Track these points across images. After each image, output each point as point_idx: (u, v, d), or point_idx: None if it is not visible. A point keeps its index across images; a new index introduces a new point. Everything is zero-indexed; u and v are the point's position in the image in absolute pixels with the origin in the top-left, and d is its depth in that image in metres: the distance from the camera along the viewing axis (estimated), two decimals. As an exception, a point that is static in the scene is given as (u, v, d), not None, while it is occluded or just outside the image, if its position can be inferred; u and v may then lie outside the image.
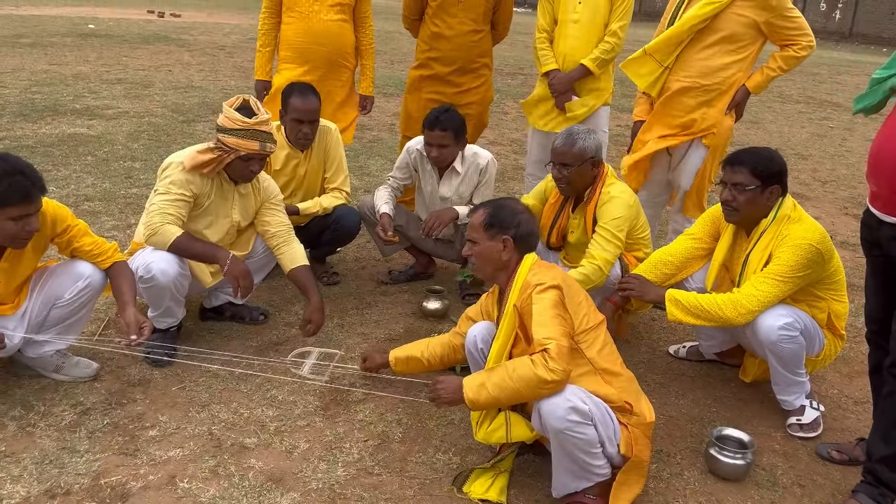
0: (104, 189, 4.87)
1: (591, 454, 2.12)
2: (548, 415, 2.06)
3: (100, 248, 2.67)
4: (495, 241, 2.31)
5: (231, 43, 12.72)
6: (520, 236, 2.31)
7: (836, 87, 12.81)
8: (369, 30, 4.15)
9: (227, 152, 2.83)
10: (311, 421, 2.63)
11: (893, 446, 2.25)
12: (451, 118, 3.39)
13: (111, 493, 2.21)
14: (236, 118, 2.80)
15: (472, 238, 2.36)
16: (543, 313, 2.16)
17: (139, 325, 2.53)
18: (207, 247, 2.87)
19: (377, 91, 9.05)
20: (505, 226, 2.30)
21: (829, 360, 2.86)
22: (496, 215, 2.32)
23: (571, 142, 3.02)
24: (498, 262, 2.33)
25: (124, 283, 2.65)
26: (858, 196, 6.22)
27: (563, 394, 2.06)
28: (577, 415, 2.05)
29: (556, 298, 2.18)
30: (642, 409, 2.28)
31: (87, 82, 8.34)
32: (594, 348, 2.24)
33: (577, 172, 3.04)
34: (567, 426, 2.05)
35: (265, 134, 2.84)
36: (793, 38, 3.42)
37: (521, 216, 2.33)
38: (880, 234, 2.25)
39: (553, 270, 2.30)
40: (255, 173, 2.94)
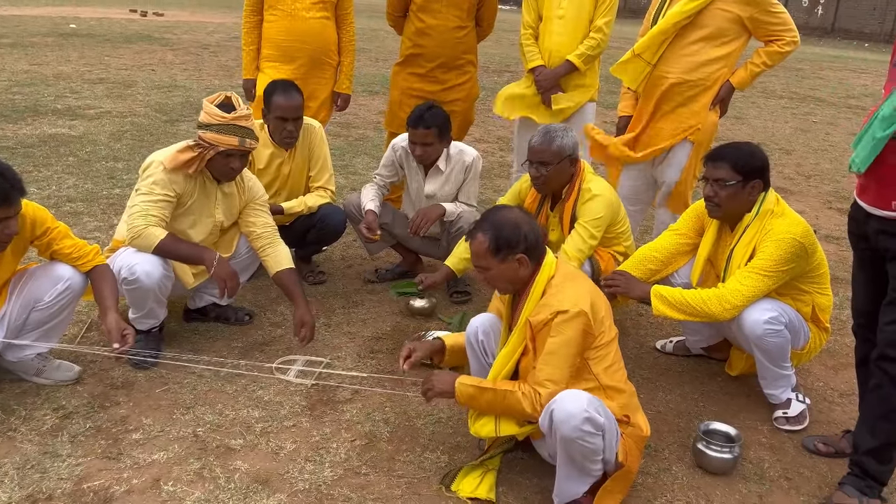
0: (86, 190, 4.81)
1: (593, 461, 2.12)
2: (562, 422, 2.01)
3: (80, 250, 2.63)
4: (509, 263, 2.18)
5: (215, 42, 12.63)
6: (531, 248, 2.18)
7: (819, 83, 12.91)
8: (351, 27, 4.12)
9: (206, 149, 2.80)
10: (298, 421, 2.61)
11: (880, 438, 2.27)
12: (435, 115, 3.37)
13: (94, 497, 2.18)
14: (215, 113, 2.77)
15: (482, 266, 2.22)
16: (558, 351, 2.11)
17: (121, 332, 2.48)
18: (193, 248, 2.83)
19: (363, 88, 9.06)
20: (513, 245, 2.16)
21: (814, 353, 2.87)
22: (500, 237, 2.16)
23: (549, 139, 2.99)
24: (517, 278, 2.22)
25: (106, 287, 2.61)
26: (842, 190, 6.27)
27: (581, 404, 2.01)
28: (591, 425, 2.02)
29: (579, 330, 2.10)
30: (639, 421, 2.27)
31: (69, 82, 8.25)
32: (603, 364, 2.20)
33: (555, 171, 3.03)
34: (579, 436, 2.02)
35: (245, 129, 2.81)
36: (777, 33, 3.43)
37: (523, 228, 2.18)
38: (868, 227, 2.26)
39: (577, 283, 2.20)
40: (237, 171, 2.91)
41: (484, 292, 3.81)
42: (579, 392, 2.07)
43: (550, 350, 2.12)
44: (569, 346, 2.11)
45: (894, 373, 2.19)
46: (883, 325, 2.22)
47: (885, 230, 2.19)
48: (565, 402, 2.03)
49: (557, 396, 2.06)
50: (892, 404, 2.23)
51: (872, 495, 2.30)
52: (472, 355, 2.49)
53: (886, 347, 2.20)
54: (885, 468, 2.31)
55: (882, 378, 2.22)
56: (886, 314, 2.21)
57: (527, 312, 2.20)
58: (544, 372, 2.11)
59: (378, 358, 3.09)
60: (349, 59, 4.14)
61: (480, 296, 3.78)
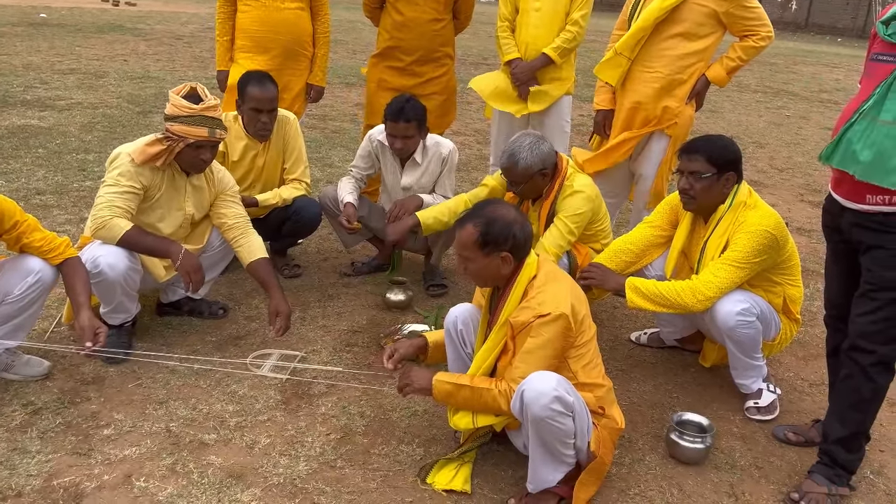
0: (56, 182, 4.73)
1: (565, 444, 2.12)
2: (531, 401, 2.02)
3: (50, 243, 2.58)
4: (492, 258, 2.18)
5: (189, 32, 12.46)
6: (517, 247, 2.18)
7: (792, 77, 13.06)
8: (326, 18, 4.09)
9: (175, 141, 2.76)
10: (273, 416, 2.60)
11: (849, 428, 2.31)
12: (414, 108, 3.35)
13: (64, 493, 2.15)
14: (182, 105, 2.73)
15: (465, 256, 2.21)
16: (535, 351, 2.11)
17: (94, 331, 2.44)
18: (159, 241, 2.80)
19: (339, 80, 9.00)
20: (500, 243, 2.15)
21: (784, 344, 2.91)
22: (489, 232, 2.15)
23: (514, 162, 2.97)
24: (497, 275, 2.23)
25: (78, 283, 2.56)
26: (814, 183, 6.36)
27: (550, 383, 2.03)
28: (560, 404, 2.03)
29: (559, 332, 2.11)
30: (614, 414, 2.29)
31: (39, 73, 8.08)
32: (581, 362, 2.22)
33: (527, 187, 3.04)
34: (549, 415, 2.03)
35: (214, 120, 2.77)
36: (752, 28, 3.46)
37: (514, 227, 2.17)
38: (842, 220, 2.29)
39: (559, 285, 2.19)
40: (207, 162, 2.87)
41: (460, 286, 3.82)
42: (549, 373, 2.08)
43: (528, 349, 2.13)
44: (546, 348, 2.12)
45: (865, 363, 2.23)
46: (855, 316, 2.26)
47: (859, 223, 2.22)
48: (535, 381, 2.05)
49: (527, 378, 2.07)
50: (861, 394, 2.27)
51: (841, 483, 2.35)
52: (451, 345, 2.49)
53: (857, 338, 2.24)
54: (853, 457, 2.35)
55: (852, 368, 2.26)
56: (858, 306, 2.25)
57: (507, 312, 2.20)
58: (520, 370, 2.12)
59: (354, 351, 3.08)
60: (323, 50, 4.11)
61: (457, 289, 3.78)
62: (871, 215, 2.17)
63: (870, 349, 2.22)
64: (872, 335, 2.21)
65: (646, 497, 2.34)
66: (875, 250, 2.19)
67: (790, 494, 2.35)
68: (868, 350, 2.22)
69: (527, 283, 2.21)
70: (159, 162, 2.78)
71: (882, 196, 2.12)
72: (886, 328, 2.20)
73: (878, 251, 2.18)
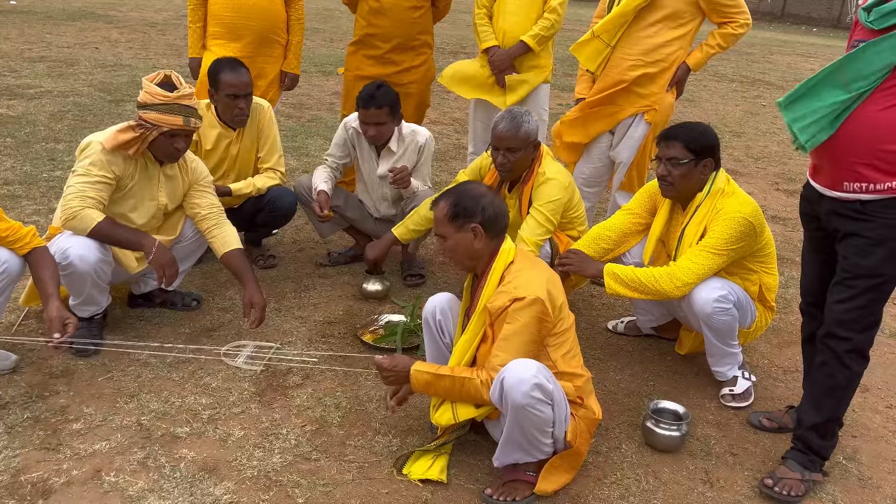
0: (25, 172, 4.62)
1: (543, 432, 2.12)
2: (512, 388, 2.02)
3: (16, 233, 2.51)
4: (464, 232, 2.20)
5: (163, 19, 12.24)
6: (488, 220, 2.20)
7: (768, 67, 13.16)
8: (300, 4, 4.02)
9: (149, 129, 2.70)
10: (247, 408, 2.56)
11: (824, 414, 2.33)
12: (386, 94, 3.31)
13: (31, 489, 2.10)
14: (157, 93, 2.67)
15: (440, 233, 2.26)
16: (512, 338, 2.11)
17: (63, 322, 2.38)
18: (131, 233, 2.74)
19: (316, 69, 8.90)
20: (469, 214, 2.20)
21: (760, 332, 2.93)
22: (459, 204, 2.21)
23: (517, 125, 2.94)
24: (472, 251, 2.23)
25: (45, 273, 2.50)
26: (789, 172, 6.41)
27: (530, 370, 2.03)
28: (540, 392, 2.03)
29: (534, 317, 2.11)
30: (592, 405, 2.30)
31: (7, 60, 7.89)
32: (560, 351, 2.22)
33: (521, 157, 3.01)
34: (529, 402, 2.02)
35: (189, 108, 2.72)
36: (731, 15, 3.49)
37: (483, 200, 2.22)
38: (819, 207, 2.29)
39: (535, 272, 2.20)
40: (181, 151, 2.81)
41: (438, 275, 3.80)
42: (529, 360, 2.08)
43: (505, 336, 2.12)
44: (523, 334, 2.12)
45: (840, 350, 2.25)
46: (831, 303, 2.27)
47: (836, 211, 2.22)
48: (515, 368, 2.05)
49: (507, 365, 2.07)
50: (836, 381, 2.28)
51: (814, 469, 2.37)
52: (429, 334, 2.47)
53: (833, 326, 2.25)
54: (827, 444, 2.37)
55: (828, 356, 2.28)
56: (834, 293, 2.26)
57: (484, 299, 2.20)
58: (499, 358, 2.11)
59: (330, 342, 3.04)
60: (298, 37, 4.04)
61: (434, 279, 3.75)
62: (848, 203, 2.18)
63: (845, 336, 2.23)
64: (848, 323, 2.22)
65: (622, 485, 2.34)
66: (852, 238, 2.20)
67: (764, 480, 2.36)
68: (843, 337, 2.24)
69: (503, 269, 2.21)
70: (132, 150, 2.72)
71: (859, 184, 2.13)
72: (862, 316, 2.22)
73: (855, 238, 2.19)
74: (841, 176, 2.16)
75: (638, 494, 2.31)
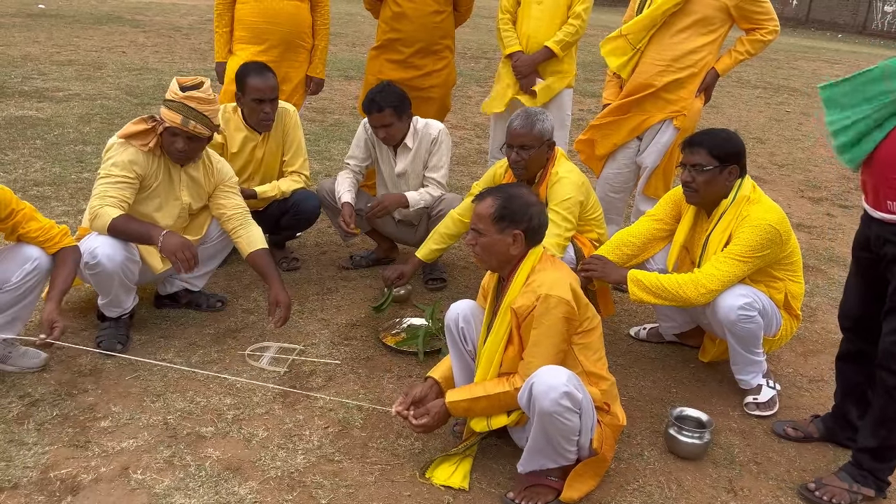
0: (54, 173, 4.71)
1: (569, 440, 2.12)
2: (541, 395, 2.02)
3: (47, 233, 2.56)
4: (504, 235, 2.17)
5: (188, 24, 12.40)
6: (531, 230, 2.18)
7: (792, 73, 13.03)
8: (325, 10, 4.06)
9: (158, 123, 2.77)
10: (270, 409, 2.59)
11: (878, 440, 2.30)
12: (387, 96, 3.33)
13: (61, 486, 2.14)
14: (174, 90, 2.73)
15: (477, 228, 2.21)
16: (542, 341, 2.11)
17: (51, 324, 2.40)
18: (142, 226, 2.76)
19: (338, 73, 8.96)
20: (517, 219, 2.16)
21: (785, 340, 2.90)
22: (508, 207, 2.16)
23: (531, 123, 2.96)
24: (505, 255, 2.20)
25: (60, 274, 2.54)
26: (814, 179, 6.35)
27: (560, 378, 2.02)
28: (569, 401, 2.03)
29: (561, 317, 2.10)
30: (617, 411, 2.29)
31: (37, 63, 8.04)
32: (587, 352, 2.21)
33: (535, 155, 3.01)
34: (557, 410, 2.02)
35: (192, 110, 2.71)
36: (760, 22, 3.48)
37: (533, 209, 2.19)
38: (870, 231, 2.24)
39: (559, 272, 2.19)
40: (181, 152, 2.80)
41: (459, 280, 3.81)
42: (559, 367, 2.08)
43: (536, 341, 2.12)
44: (553, 336, 2.11)
45: (891, 385, 2.21)
46: (884, 334, 2.23)
47: (883, 235, 2.17)
48: (545, 375, 2.04)
49: (537, 371, 2.06)
50: (886, 413, 2.26)
51: (866, 484, 2.33)
52: (451, 342, 2.46)
53: (885, 358, 2.22)
54: (881, 466, 2.33)
55: (880, 386, 2.26)
56: (886, 323, 2.22)
57: (510, 298, 2.20)
58: (533, 364, 2.11)
59: (352, 345, 3.06)
60: (323, 42, 4.08)
61: (456, 283, 3.76)
62: (892, 226, 2.13)
63: (894, 370, 2.20)
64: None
65: (644, 492, 2.33)
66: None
67: (807, 484, 2.35)
68: (894, 371, 2.20)
69: (530, 270, 2.21)
70: (147, 144, 2.77)
71: None
72: None
73: None
74: (884, 194, 2.12)
75: (660, 502, 2.29)
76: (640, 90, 3.55)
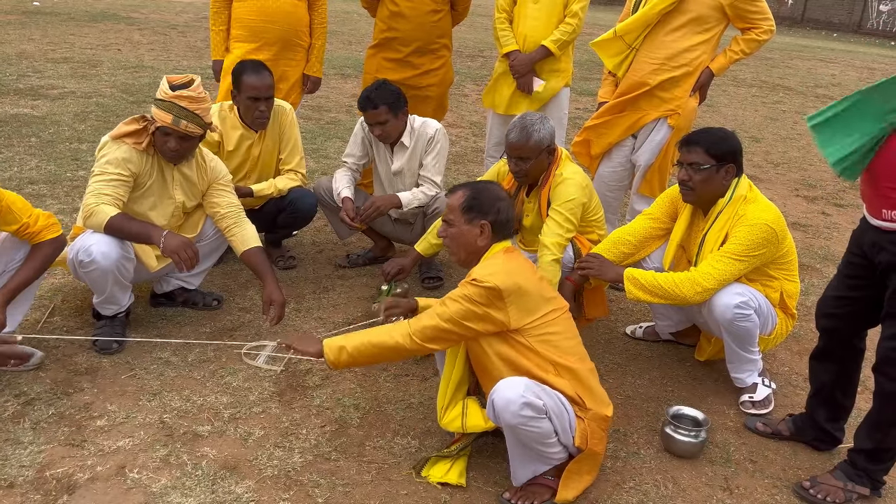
0: (49, 171, 4.69)
1: (546, 444, 2.12)
2: (501, 410, 2.05)
3: (27, 229, 2.51)
4: (472, 226, 2.24)
5: (183, 22, 12.36)
6: (498, 223, 2.24)
7: (788, 72, 13.06)
8: (323, 8, 4.05)
9: (150, 122, 2.76)
10: (267, 407, 2.58)
11: (873, 443, 2.30)
12: (383, 93, 3.32)
13: (57, 485, 2.14)
14: (164, 89, 2.71)
15: (448, 219, 2.29)
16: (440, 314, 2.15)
17: None
18: (142, 226, 2.75)
19: (335, 72, 8.94)
20: (484, 210, 2.23)
21: (780, 339, 2.91)
22: (477, 198, 2.25)
23: (527, 135, 2.94)
24: (473, 246, 2.26)
25: (25, 267, 2.51)
26: (809, 178, 6.36)
27: (517, 389, 2.04)
28: (530, 410, 2.04)
29: (477, 297, 2.11)
30: (597, 402, 2.22)
31: (32, 61, 8.01)
32: (547, 346, 2.17)
33: (534, 164, 3.02)
34: (520, 421, 2.04)
35: (183, 110, 2.70)
36: (755, 21, 3.48)
37: (501, 203, 2.26)
38: (865, 237, 2.24)
39: (509, 265, 2.19)
40: (173, 151, 2.79)
41: (456, 278, 3.80)
42: (517, 379, 2.09)
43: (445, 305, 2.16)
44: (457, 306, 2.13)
45: (888, 389, 2.22)
46: (882, 339, 2.24)
47: (879, 243, 2.18)
48: (503, 389, 2.06)
49: (497, 386, 2.08)
50: (882, 416, 2.27)
51: (861, 483, 2.34)
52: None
53: (882, 363, 2.23)
54: (875, 467, 2.34)
55: (877, 389, 2.27)
56: (885, 328, 2.23)
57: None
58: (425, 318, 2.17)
59: (349, 343, 3.06)
60: (320, 41, 4.08)
61: (452, 282, 3.76)
62: (888, 234, 2.14)
63: (893, 375, 2.21)
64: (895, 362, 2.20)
65: (640, 490, 2.34)
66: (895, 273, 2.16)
67: (802, 482, 2.36)
68: (891, 377, 2.21)
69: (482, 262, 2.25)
70: (142, 144, 2.76)
71: None
72: None
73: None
74: (879, 203, 2.13)
75: (656, 500, 2.30)
76: (635, 88, 3.56)
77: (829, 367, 2.49)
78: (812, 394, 2.58)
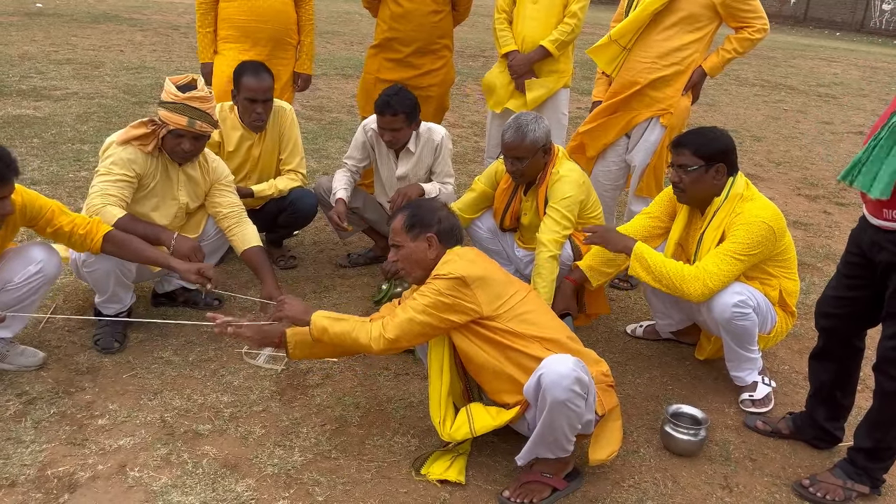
0: (52, 172, 4.71)
1: (574, 428, 2.14)
2: (552, 385, 2.04)
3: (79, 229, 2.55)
4: (419, 241, 2.30)
5: (185, 23, 12.38)
6: (443, 231, 2.31)
7: (790, 71, 13.04)
8: (309, 5, 4.04)
9: (159, 126, 2.76)
10: (267, 406, 2.59)
11: (872, 442, 2.31)
12: (403, 100, 3.32)
13: (58, 483, 2.15)
14: (171, 91, 2.72)
15: (395, 243, 2.35)
16: (413, 307, 2.19)
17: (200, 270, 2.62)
18: (151, 228, 2.78)
19: (336, 72, 8.96)
20: (426, 224, 2.30)
21: (780, 338, 2.92)
22: (416, 215, 2.32)
23: (522, 135, 2.95)
24: (425, 261, 2.30)
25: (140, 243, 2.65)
26: (811, 177, 6.36)
27: (568, 365, 2.05)
28: (579, 386, 2.06)
29: (445, 289, 2.16)
30: (592, 363, 2.27)
31: (34, 62, 8.03)
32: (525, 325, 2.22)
33: (530, 163, 3.02)
34: (569, 397, 2.04)
35: (196, 111, 2.72)
36: (748, 20, 3.46)
37: (440, 212, 2.34)
38: (865, 236, 2.24)
39: (466, 257, 2.25)
40: (188, 153, 2.82)
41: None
42: (565, 355, 2.10)
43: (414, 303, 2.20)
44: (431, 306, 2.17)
45: (889, 389, 2.22)
46: (883, 339, 2.24)
47: (879, 242, 2.18)
48: (554, 364, 2.06)
49: (545, 362, 2.09)
50: (882, 415, 2.27)
51: (861, 481, 2.34)
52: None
53: (883, 362, 2.23)
54: (875, 465, 2.34)
55: (877, 388, 2.27)
56: (885, 327, 2.23)
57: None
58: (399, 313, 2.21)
59: (349, 342, 3.07)
60: (309, 38, 4.07)
61: (453, 280, 3.77)
62: (888, 233, 2.14)
63: (893, 375, 2.21)
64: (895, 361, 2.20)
65: (640, 488, 2.34)
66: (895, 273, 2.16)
67: (801, 481, 2.37)
68: (891, 376, 2.21)
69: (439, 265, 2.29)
70: (147, 147, 2.77)
71: None
72: None
73: None
74: (880, 202, 2.12)
75: (656, 498, 2.31)
76: (627, 88, 3.56)
77: (828, 366, 2.50)
78: (812, 393, 2.59)
